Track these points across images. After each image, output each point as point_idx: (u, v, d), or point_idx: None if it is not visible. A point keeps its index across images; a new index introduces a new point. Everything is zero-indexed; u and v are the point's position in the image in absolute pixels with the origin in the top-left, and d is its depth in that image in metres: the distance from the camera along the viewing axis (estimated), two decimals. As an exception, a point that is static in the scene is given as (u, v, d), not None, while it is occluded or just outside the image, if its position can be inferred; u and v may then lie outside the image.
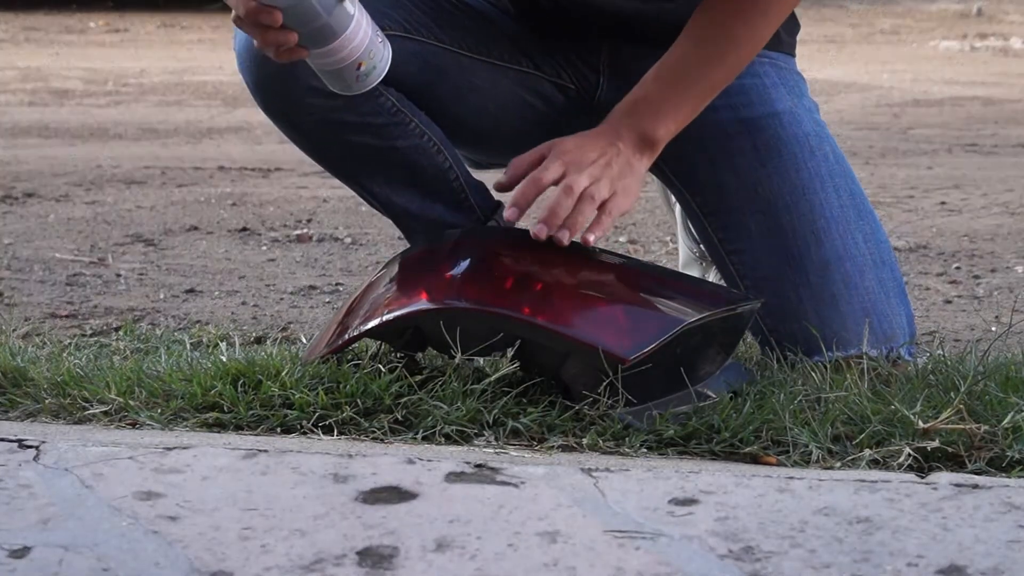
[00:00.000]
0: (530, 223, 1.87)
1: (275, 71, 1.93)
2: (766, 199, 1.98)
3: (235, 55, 1.99)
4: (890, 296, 1.99)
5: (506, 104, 2.07)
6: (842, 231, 1.98)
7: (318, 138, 2.01)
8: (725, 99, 2.01)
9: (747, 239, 2.00)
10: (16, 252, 3.11)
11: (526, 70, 2.08)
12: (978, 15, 10.38)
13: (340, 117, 1.97)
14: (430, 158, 2.04)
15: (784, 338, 1.97)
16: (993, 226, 3.45)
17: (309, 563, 1.36)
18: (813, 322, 1.95)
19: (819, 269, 1.97)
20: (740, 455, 1.69)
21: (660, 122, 1.89)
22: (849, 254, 1.98)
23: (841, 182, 2.00)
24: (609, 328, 1.79)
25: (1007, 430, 1.68)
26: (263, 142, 4.95)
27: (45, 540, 1.40)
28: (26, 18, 9.86)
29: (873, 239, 2.00)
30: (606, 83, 2.09)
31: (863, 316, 1.96)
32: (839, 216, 1.98)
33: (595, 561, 1.37)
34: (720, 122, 2.01)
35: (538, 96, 2.09)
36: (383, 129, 2.00)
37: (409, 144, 2.02)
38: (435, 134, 2.03)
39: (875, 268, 1.99)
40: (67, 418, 1.80)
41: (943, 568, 1.36)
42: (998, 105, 6.00)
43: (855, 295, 1.97)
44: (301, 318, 2.57)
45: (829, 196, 1.99)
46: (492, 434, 1.72)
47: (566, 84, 2.09)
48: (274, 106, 2.00)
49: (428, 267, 1.92)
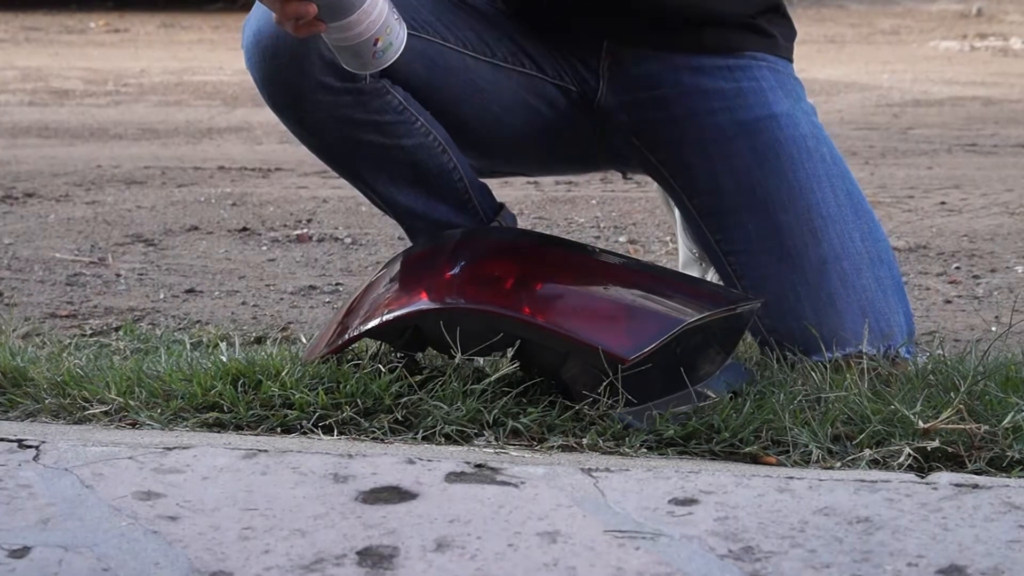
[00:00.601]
0: (530, 223, 1.86)
1: (284, 65, 1.93)
2: (763, 200, 1.99)
3: (243, 51, 1.99)
4: (888, 294, 1.99)
5: (510, 106, 2.07)
6: (839, 230, 1.98)
7: (324, 134, 2.01)
8: (723, 102, 2.01)
9: (745, 240, 2.00)
10: (16, 252, 3.11)
11: (528, 72, 2.08)
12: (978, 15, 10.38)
13: (347, 114, 1.97)
14: (435, 157, 2.04)
15: (783, 337, 1.97)
16: (993, 226, 3.45)
17: (309, 563, 1.36)
18: (811, 321, 1.95)
19: (816, 268, 1.97)
20: (740, 455, 1.69)
21: None
22: (846, 252, 1.98)
23: (838, 182, 2.01)
24: (609, 328, 1.79)
25: (1007, 430, 1.68)
26: (263, 142, 4.95)
27: (45, 540, 1.40)
28: (26, 18, 9.86)
29: (871, 237, 2.00)
30: (606, 87, 2.09)
31: (861, 315, 1.96)
32: (836, 215, 1.99)
33: (595, 561, 1.37)
34: (718, 125, 2.02)
35: (541, 99, 2.09)
36: (390, 127, 2.00)
37: (415, 143, 2.02)
38: (440, 134, 2.03)
39: (872, 266, 1.99)
40: (67, 418, 1.80)
41: (943, 568, 1.36)
42: (998, 105, 6.00)
43: (852, 293, 1.97)
44: (301, 318, 2.57)
45: (826, 196, 1.99)
46: (492, 434, 1.72)
47: (568, 86, 2.10)
48: (281, 101, 1.99)
49: (428, 267, 1.92)
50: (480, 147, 2.14)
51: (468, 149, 2.13)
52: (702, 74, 2.06)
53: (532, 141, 2.12)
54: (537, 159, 2.24)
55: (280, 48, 1.93)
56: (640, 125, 2.09)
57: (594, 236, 3.24)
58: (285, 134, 5.13)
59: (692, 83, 2.06)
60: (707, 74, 2.06)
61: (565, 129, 2.11)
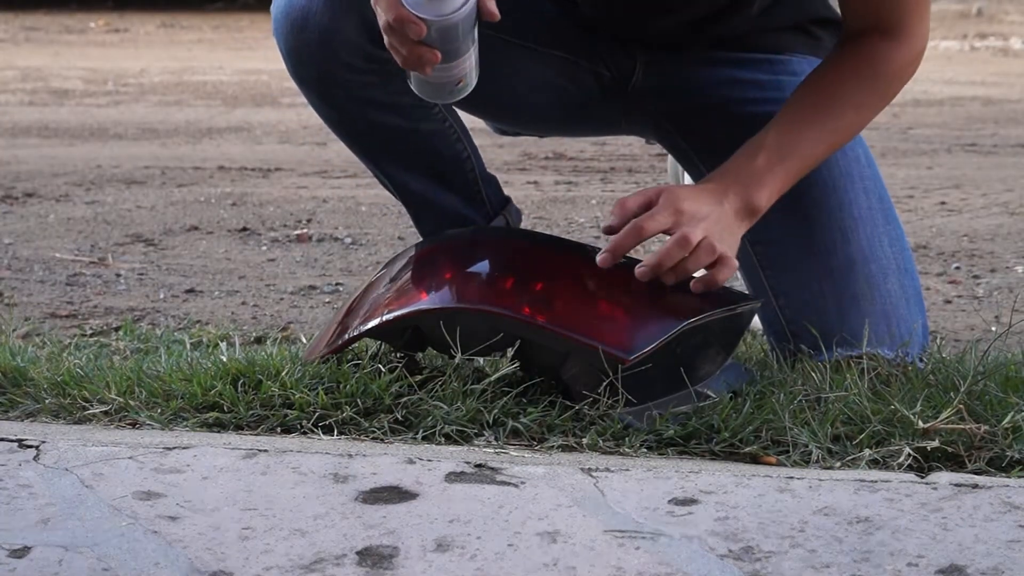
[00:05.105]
0: (530, 223, 1.86)
1: (311, 40, 1.92)
2: (794, 192, 1.96)
3: (272, 19, 1.98)
4: (910, 303, 1.98)
5: (538, 86, 2.06)
6: (868, 232, 1.97)
7: (344, 112, 2.01)
8: (759, 92, 2.00)
9: (772, 230, 1.98)
10: (16, 252, 3.11)
11: (563, 55, 2.06)
12: (978, 15, 10.38)
13: (369, 94, 1.97)
14: (450, 145, 2.05)
15: (800, 330, 1.96)
16: (993, 226, 3.45)
17: (309, 563, 1.36)
18: (833, 319, 1.94)
19: (844, 267, 1.96)
20: (740, 455, 1.69)
21: (765, 191, 1.85)
22: (875, 256, 1.97)
23: (871, 184, 1.99)
24: (609, 328, 1.79)
25: (1007, 430, 1.68)
26: (263, 142, 4.95)
27: (45, 540, 1.40)
28: (26, 18, 9.86)
29: (898, 245, 1.99)
30: (641, 72, 2.08)
31: (883, 319, 1.95)
32: (867, 217, 1.98)
33: (595, 561, 1.37)
34: (752, 114, 2.00)
35: (571, 81, 2.07)
36: (409, 110, 2.00)
37: (431, 128, 2.03)
38: (457, 122, 2.05)
39: (898, 274, 1.98)
40: (67, 418, 1.80)
41: (943, 568, 1.36)
42: (998, 105, 6.00)
43: (878, 297, 1.96)
44: (301, 318, 2.57)
45: (858, 196, 1.98)
46: (492, 434, 1.72)
47: (601, 71, 2.08)
48: (306, 75, 1.98)
49: (428, 267, 1.92)
50: (504, 118, 2.15)
51: (491, 118, 2.13)
52: (740, 66, 2.05)
53: (558, 114, 2.12)
54: (560, 127, 2.26)
55: (309, 22, 1.92)
56: (672, 110, 2.07)
57: (594, 236, 3.24)
58: (285, 134, 5.14)
59: (729, 74, 2.05)
60: (745, 66, 2.05)
61: (593, 107, 2.10)
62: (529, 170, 4.35)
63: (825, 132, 1.89)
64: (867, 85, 1.91)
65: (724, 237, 1.81)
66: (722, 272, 1.81)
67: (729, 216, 1.83)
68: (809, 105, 1.90)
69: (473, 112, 2.11)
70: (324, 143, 4.82)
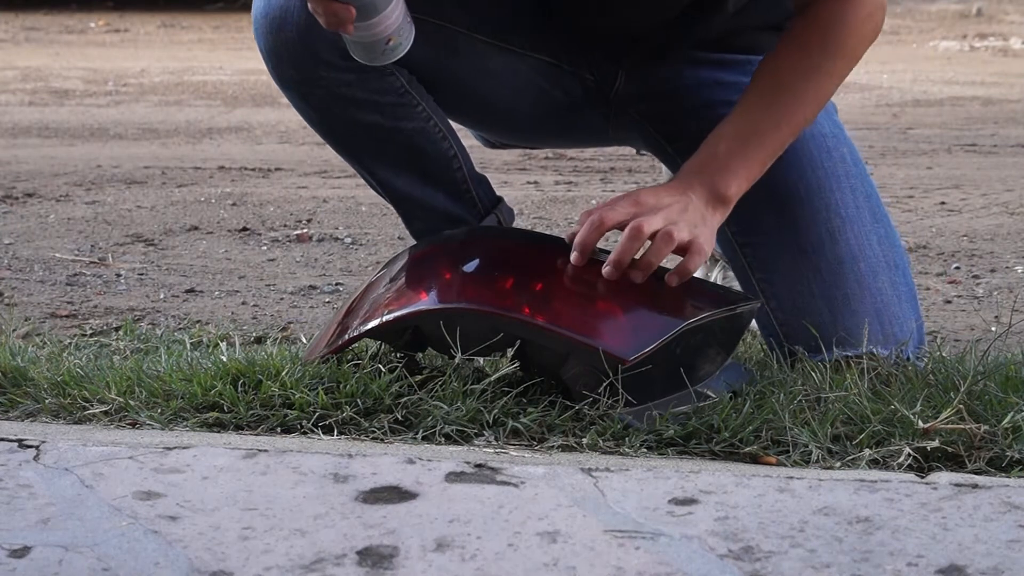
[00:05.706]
0: (530, 223, 1.86)
1: (290, 39, 1.94)
2: (781, 194, 1.97)
3: (252, 21, 1.99)
4: (902, 300, 1.99)
5: (521, 90, 2.07)
6: (856, 231, 1.97)
7: (326, 111, 2.01)
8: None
9: (761, 232, 1.99)
10: (16, 252, 3.11)
11: (546, 59, 2.07)
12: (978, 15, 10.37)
13: (349, 93, 1.97)
14: (435, 144, 2.04)
15: (794, 331, 1.96)
16: (993, 226, 3.45)
17: (309, 563, 1.36)
18: (825, 319, 1.94)
19: (833, 267, 1.96)
20: (740, 455, 1.69)
21: (731, 179, 1.86)
22: (864, 255, 1.97)
23: (857, 184, 2.00)
24: (609, 328, 1.79)
25: (1007, 430, 1.68)
26: (263, 142, 4.95)
27: (45, 540, 1.40)
28: (26, 18, 9.86)
29: (887, 242, 2.00)
30: (624, 77, 2.08)
31: (875, 317, 1.95)
32: (855, 216, 1.98)
33: (595, 561, 1.37)
34: None
35: (555, 85, 2.08)
36: (390, 108, 2.00)
37: (414, 127, 2.02)
38: (442, 121, 2.04)
39: (889, 271, 1.98)
40: (67, 418, 1.80)
41: (943, 568, 1.36)
42: (997, 105, 6.00)
43: (868, 295, 1.96)
44: (301, 318, 2.57)
45: (845, 196, 1.98)
46: (492, 434, 1.72)
47: (584, 75, 2.09)
48: (286, 74, 1.99)
49: (428, 267, 1.92)
50: (490, 125, 2.15)
51: (477, 126, 2.13)
52: (722, 68, 2.05)
53: (543, 122, 2.12)
54: (547, 137, 2.26)
55: (287, 21, 1.93)
56: (657, 114, 2.08)
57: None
58: (285, 134, 5.13)
59: (711, 75, 2.05)
60: (727, 68, 2.05)
61: (577, 113, 2.10)
62: (529, 170, 4.35)
63: (783, 109, 1.89)
64: (825, 51, 1.90)
65: (691, 226, 1.81)
66: (692, 260, 1.81)
67: (697, 205, 1.84)
68: (764, 86, 1.90)
69: (460, 120, 2.11)
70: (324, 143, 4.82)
